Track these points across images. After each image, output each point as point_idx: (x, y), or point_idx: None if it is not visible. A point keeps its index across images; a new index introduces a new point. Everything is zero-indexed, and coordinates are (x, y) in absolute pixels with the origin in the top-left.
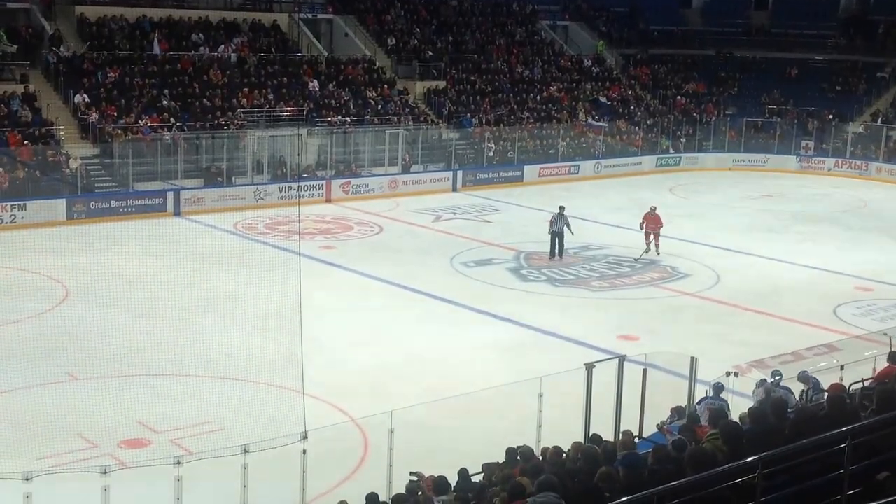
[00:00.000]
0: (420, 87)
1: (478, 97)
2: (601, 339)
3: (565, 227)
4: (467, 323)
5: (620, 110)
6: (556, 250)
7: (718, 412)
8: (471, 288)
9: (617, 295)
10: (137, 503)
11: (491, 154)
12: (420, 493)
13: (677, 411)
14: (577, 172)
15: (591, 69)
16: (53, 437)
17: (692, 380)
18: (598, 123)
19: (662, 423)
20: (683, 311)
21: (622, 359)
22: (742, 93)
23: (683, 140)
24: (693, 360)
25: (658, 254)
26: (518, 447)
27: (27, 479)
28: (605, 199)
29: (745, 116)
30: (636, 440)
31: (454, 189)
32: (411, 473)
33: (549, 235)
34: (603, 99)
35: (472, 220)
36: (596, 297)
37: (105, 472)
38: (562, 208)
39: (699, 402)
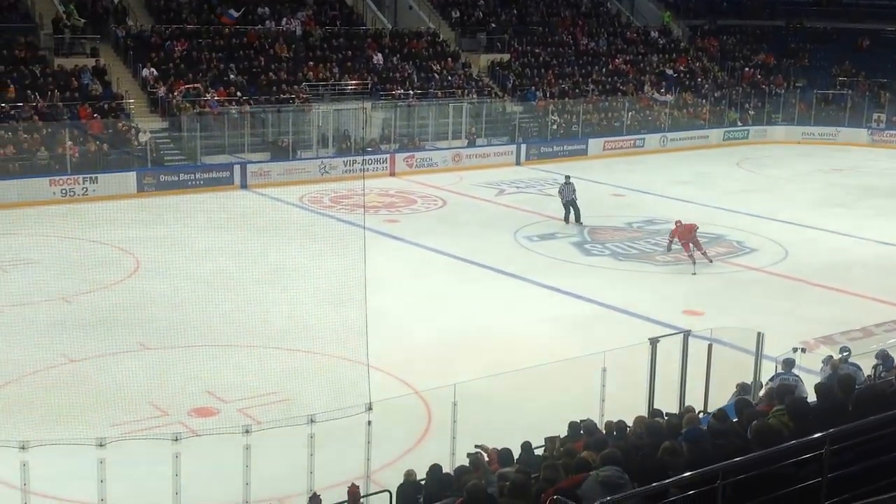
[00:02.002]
0: (484, 59)
1: (542, 70)
2: (666, 313)
3: (573, 195)
4: (531, 297)
5: (687, 83)
6: (573, 217)
7: (784, 388)
8: (534, 262)
9: (682, 269)
10: (207, 470)
11: (555, 127)
12: (482, 465)
13: (742, 387)
14: (643, 146)
15: (658, 41)
16: (125, 405)
17: (758, 356)
18: (663, 98)
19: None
20: (750, 286)
21: (687, 334)
22: (812, 64)
23: (752, 113)
24: (759, 336)
25: (710, 261)
26: (581, 421)
27: (101, 445)
28: (671, 173)
29: (816, 89)
30: (700, 416)
31: (518, 163)
32: (476, 446)
33: (563, 205)
34: (669, 71)
35: (536, 193)
36: (660, 271)
37: (176, 440)
38: (567, 177)
39: (771, 379)
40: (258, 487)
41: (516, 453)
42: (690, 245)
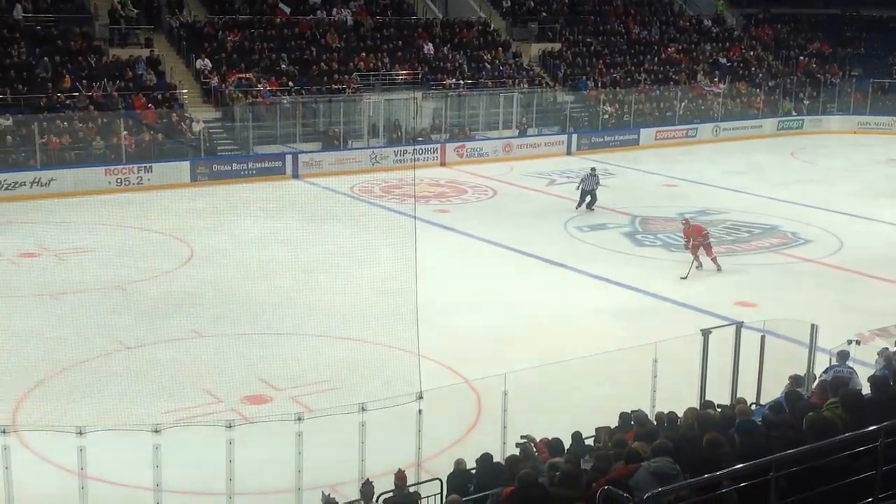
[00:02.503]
0: (535, 49)
1: (594, 59)
2: (718, 305)
3: (595, 186)
4: (581, 287)
5: (741, 72)
6: (586, 204)
7: (839, 380)
8: (585, 252)
9: (735, 261)
10: (259, 457)
11: (606, 117)
12: (531, 455)
13: (795, 379)
14: (695, 136)
15: (711, 30)
16: (180, 392)
17: (812, 348)
18: (716, 89)
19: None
20: (804, 277)
21: (740, 325)
22: (868, 53)
23: (806, 102)
24: (813, 328)
25: (719, 268)
26: (632, 412)
27: (156, 431)
28: (723, 163)
29: (872, 78)
30: (752, 408)
31: (568, 153)
32: (521, 437)
33: (579, 191)
34: (723, 60)
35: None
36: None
37: (230, 426)
38: (593, 169)
39: (825, 371)
40: (310, 475)
41: (566, 444)
42: (699, 248)
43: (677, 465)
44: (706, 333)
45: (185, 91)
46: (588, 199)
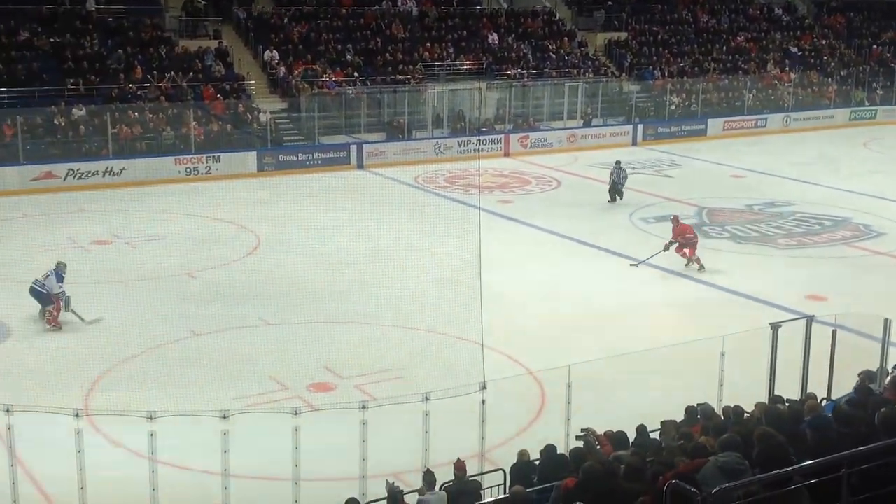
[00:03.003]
0: (601, 38)
1: (660, 48)
2: (787, 298)
3: (623, 179)
4: (646, 279)
5: (812, 61)
6: (615, 198)
7: None
8: (651, 244)
9: (805, 253)
10: (325, 444)
11: (673, 107)
12: (593, 447)
13: (867, 375)
14: (765, 126)
15: (782, 18)
16: (247, 379)
17: (885, 343)
18: (787, 80)
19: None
20: (876, 270)
21: (810, 319)
22: None
23: (880, 92)
24: (886, 322)
25: (701, 268)
26: (698, 405)
27: (224, 417)
28: (794, 154)
29: None
30: (823, 403)
31: (634, 143)
32: (582, 430)
33: (609, 185)
34: (794, 49)
35: (653, 174)
36: (782, 254)
37: (296, 414)
38: (618, 162)
39: None
40: (373, 463)
41: (631, 437)
42: (685, 248)
43: (745, 461)
44: (776, 327)
45: (252, 82)
46: (616, 193)
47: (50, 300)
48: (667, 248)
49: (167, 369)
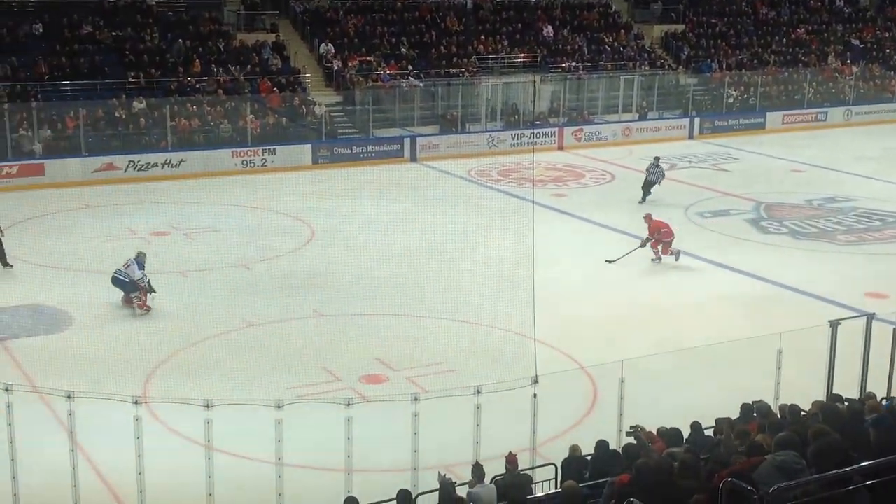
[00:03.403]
0: (657, 30)
1: (718, 41)
2: (847, 295)
3: (659, 177)
4: (702, 274)
5: (874, 53)
6: (644, 195)
7: None
8: (706, 239)
9: (865, 250)
10: (377, 435)
11: (731, 100)
12: (644, 443)
13: None
14: (825, 120)
15: (843, 10)
16: (301, 369)
17: None
18: (848, 72)
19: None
20: None
21: (871, 317)
22: None
23: None
24: None
25: (660, 260)
26: (754, 403)
27: (278, 407)
28: (855, 149)
29: None
30: (883, 402)
31: (690, 136)
32: (631, 427)
33: (643, 182)
34: (855, 41)
35: (709, 168)
36: (842, 251)
37: (348, 405)
38: (657, 158)
39: None
40: (425, 455)
41: (685, 434)
42: (660, 244)
43: (803, 460)
44: (835, 325)
45: (308, 75)
46: (650, 190)
47: (134, 287)
48: (643, 244)
49: (222, 359)
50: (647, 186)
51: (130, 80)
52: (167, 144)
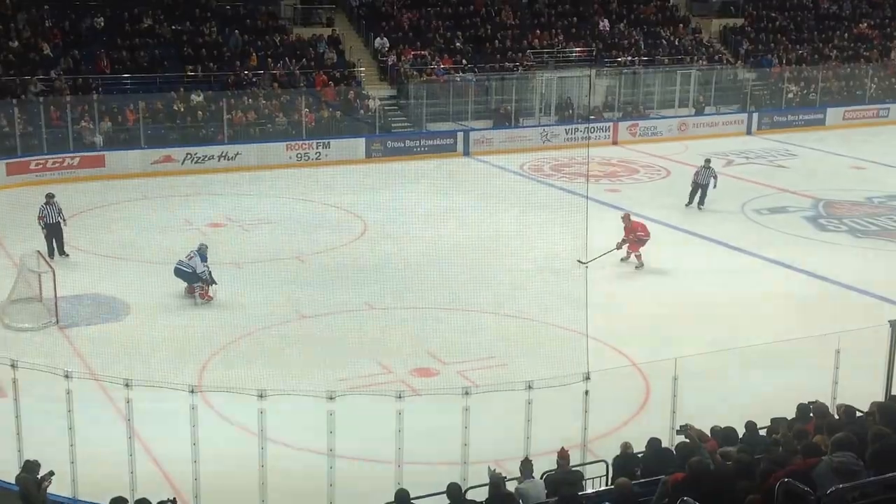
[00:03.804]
0: (716, 24)
1: (778, 35)
2: None
3: (711, 181)
4: (759, 272)
5: None
6: (697, 201)
7: None
8: (763, 236)
9: None
10: (427, 428)
11: (790, 95)
12: (695, 441)
13: None
14: (887, 116)
15: None
16: (353, 361)
17: None
18: None
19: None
20: None
21: None
22: None
23: None
24: None
25: (626, 257)
26: (810, 403)
27: (331, 398)
28: None
29: None
30: None
31: (748, 132)
32: (681, 426)
33: (692, 185)
34: None
35: (767, 164)
36: None
37: (399, 397)
38: (708, 161)
39: None
40: (475, 449)
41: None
42: (635, 246)
43: (860, 461)
44: (894, 324)
45: (362, 69)
46: (699, 194)
47: (196, 278)
48: (619, 246)
49: (275, 350)
50: (694, 190)
51: (188, 73)
52: (223, 137)
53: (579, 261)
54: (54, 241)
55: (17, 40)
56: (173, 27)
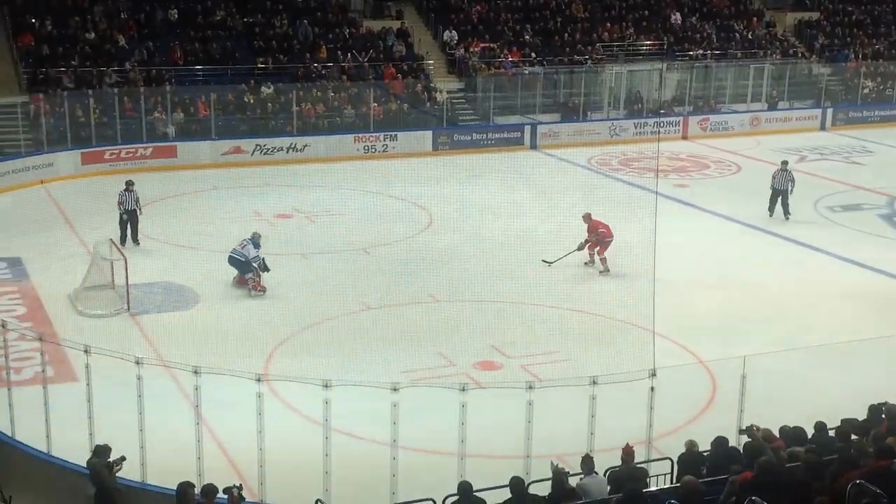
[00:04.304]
0: (791, 18)
1: (855, 29)
2: None
3: (789, 184)
4: (831, 271)
5: None
6: (780, 209)
7: None
8: (836, 234)
9: None
10: (490, 422)
11: (867, 91)
12: (758, 440)
13: None
14: None
15: None
16: (417, 353)
17: None
18: None
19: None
20: None
21: None
22: None
23: None
24: None
25: (606, 270)
26: (882, 404)
27: (395, 390)
28: None
29: None
30: None
31: (822, 128)
32: (745, 427)
33: (771, 191)
34: None
35: (841, 161)
36: None
37: (463, 390)
38: (784, 163)
39: None
40: (538, 443)
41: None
42: (596, 247)
43: None
44: None
45: (431, 62)
46: (781, 200)
47: (249, 267)
48: (581, 247)
49: (340, 340)
50: (774, 196)
51: (259, 65)
52: (292, 129)
53: (544, 260)
54: (129, 228)
55: (93, 32)
56: (245, 19)
